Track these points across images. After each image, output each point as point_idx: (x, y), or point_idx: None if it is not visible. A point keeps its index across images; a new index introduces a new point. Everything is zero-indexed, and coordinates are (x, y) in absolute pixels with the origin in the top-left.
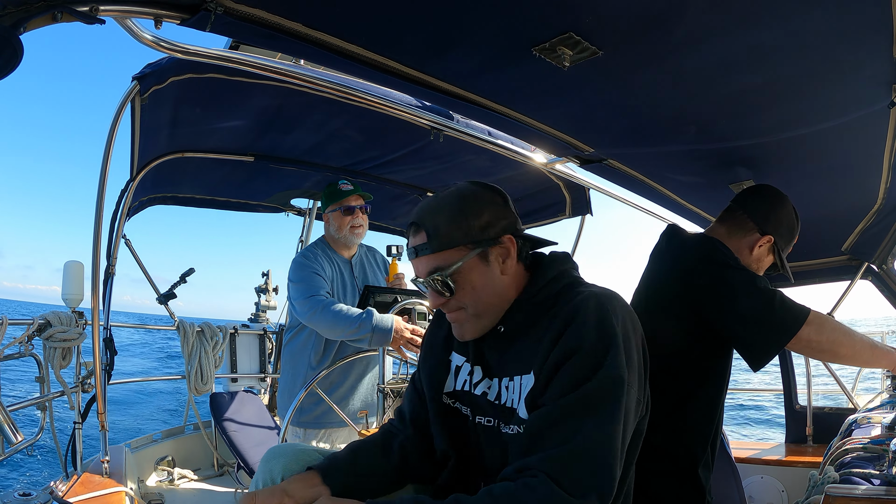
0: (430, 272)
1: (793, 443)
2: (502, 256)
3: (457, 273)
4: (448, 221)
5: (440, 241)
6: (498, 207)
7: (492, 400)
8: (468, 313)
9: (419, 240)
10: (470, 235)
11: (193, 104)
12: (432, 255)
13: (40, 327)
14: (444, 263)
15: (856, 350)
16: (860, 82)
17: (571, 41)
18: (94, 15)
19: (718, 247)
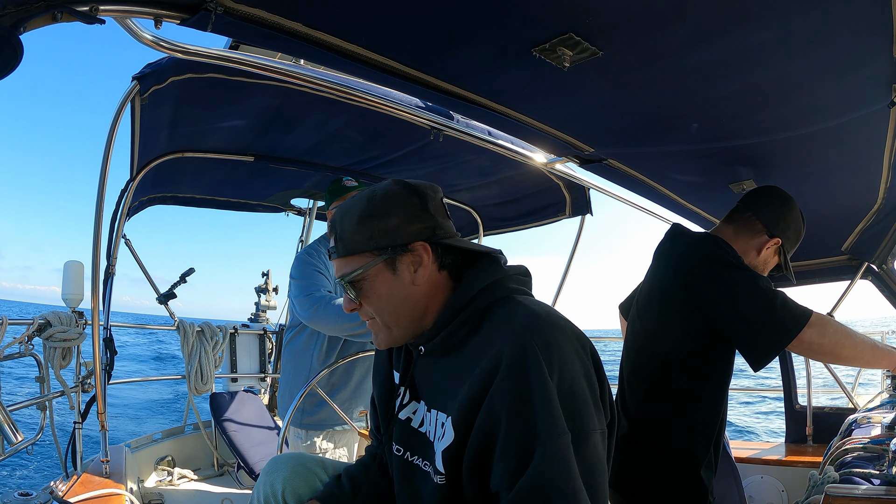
0: (341, 276)
1: (793, 443)
2: (414, 265)
3: (361, 280)
4: (353, 225)
5: (345, 245)
6: (411, 210)
7: (416, 427)
8: (378, 322)
9: (333, 241)
10: (373, 241)
11: (193, 104)
12: (340, 258)
13: (40, 327)
14: (349, 269)
15: (857, 351)
16: (860, 82)
17: (571, 42)
18: (93, 15)
19: (722, 245)
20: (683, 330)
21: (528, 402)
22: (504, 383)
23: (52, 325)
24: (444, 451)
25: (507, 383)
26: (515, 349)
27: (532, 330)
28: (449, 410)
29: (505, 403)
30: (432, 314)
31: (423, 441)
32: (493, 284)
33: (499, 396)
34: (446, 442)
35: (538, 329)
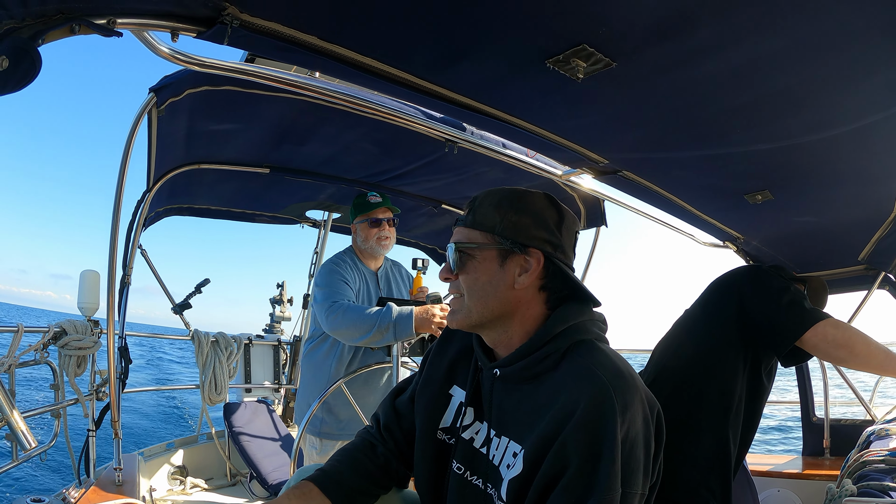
0: (456, 241)
1: (810, 455)
2: (521, 268)
3: (471, 254)
4: (491, 205)
5: (475, 217)
6: (546, 221)
7: (478, 447)
8: (463, 300)
9: (466, 210)
10: (500, 227)
11: (209, 116)
12: (464, 227)
13: (56, 335)
14: (466, 240)
15: (870, 350)
16: (874, 88)
17: (585, 53)
18: (111, 28)
19: (769, 271)
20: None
21: (598, 455)
22: (579, 432)
23: (68, 334)
24: (511, 481)
25: (582, 433)
26: (595, 401)
27: (614, 387)
28: (523, 443)
29: (576, 451)
30: (517, 334)
31: (486, 465)
32: (579, 325)
33: (572, 443)
34: (514, 472)
35: (619, 388)
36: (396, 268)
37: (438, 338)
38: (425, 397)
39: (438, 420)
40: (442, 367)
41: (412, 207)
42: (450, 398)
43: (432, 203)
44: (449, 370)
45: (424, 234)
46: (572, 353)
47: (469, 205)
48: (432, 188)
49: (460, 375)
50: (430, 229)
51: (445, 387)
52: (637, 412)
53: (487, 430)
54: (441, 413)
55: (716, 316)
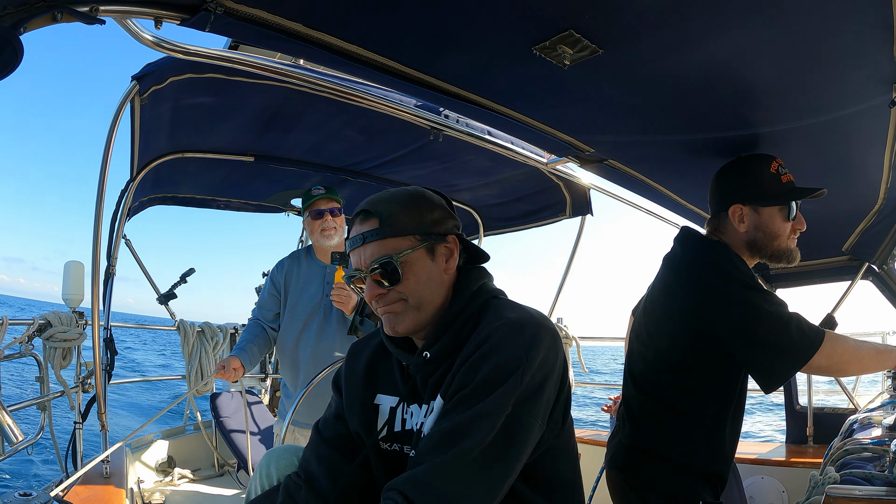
0: (377, 258)
1: (793, 443)
2: (446, 255)
3: (405, 262)
4: (402, 210)
5: (392, 227)
6: (445, 209)
7: (411, 429)
8: (408, 304)
9: (369, 226)
10: (422, 227)
11: (193, 104)
12: (381, 240)
13: (40, 327)
14: (392, 251)
15: (863, 364)
16: (861, 81)
17: (571, 39)
18: (94, 15)
19: (733, 259)
20: (684, 345)
21: (500, 378)
22: (488, 354)
23: (53, 326)
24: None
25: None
26: (507, 333)
27: (525, 323)
28: (441, 391)
29: (482, 368)
30: (443, 306)
31: (413, 435)
32: (485, 285)
33: (472, 366)
34: (434, 416)
35: (529, 324)
36: None
37: (344, 360)
38: (356, 417)
39: (375, 431)
40: (358, 382)
41: None
42: (377, 408)
43: None
44: (367, 382)
45: None
46: (484, 311)
47: (366, 219)
48: (418, 176)
49: (381, 383)
50: None
51: (370, 398)
52: (550, 347)
53: (420, 406)
54: (375, 423)
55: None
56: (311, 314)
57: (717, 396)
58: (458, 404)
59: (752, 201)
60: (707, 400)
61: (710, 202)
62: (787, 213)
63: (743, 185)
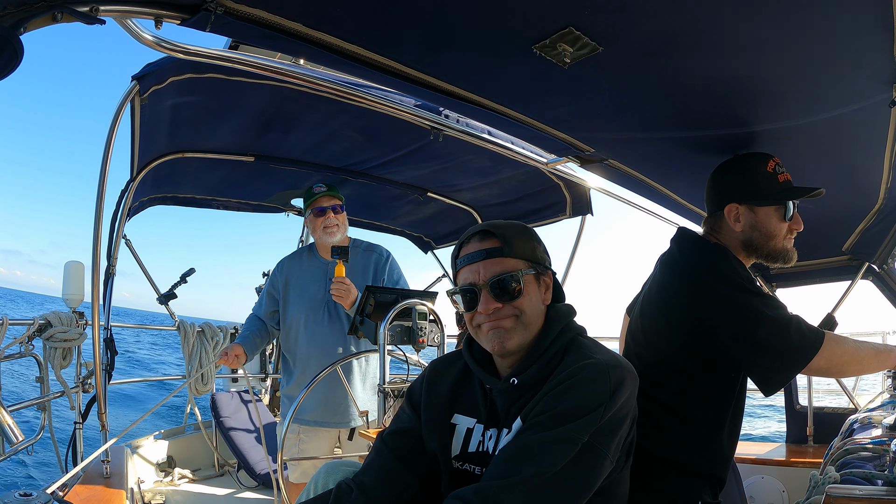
0: (498, 273)
1: (793, 443)
2: (546, 286)
3: (522, 280)
4: (519, 236)
5: (512, 248)
6: (545, 247)
7: (490, 451)
8: (519, 321)
9: (490, 244)
10: (535, 255)
11: (193, 104)
12: (504, 258)
13: (41, 327)
14: (512, 269)
15: (863, 365)
16: (861, 80)
17: (572, 37)
18: (94, 15)
19: (732, 262)
20: (682, 347)
21: (582, 406)
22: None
23: (53, 326)
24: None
25: (574, 388)
26: (597, 372)
27: (613, 366)
28: (523, 415)
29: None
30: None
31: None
32: (571, 322)
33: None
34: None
35: (618, 367)
36: (368, 252)
37: (426, 376)
38: (434, 433)
39: (449, 450)
40: (441, 401)
41: (398, 195)
42: (454, 427)
43: (418, 191)
44: (449, 401)
45: (410, 222)
46: (571, 348)
47: (489, 236)
48: (418, 176)
49: (460, 403)
50: (416, 217)
51: (447, 417)
52: (630, 393)
53: (499, 431)
54: (449, 443)
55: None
56: (314, 310)
57: (715, 397)
58: (536, 426)
59: (748, 200)
60: (705, 401)
61: (707, 201)
62: (783, 212)
63: (739, 184)
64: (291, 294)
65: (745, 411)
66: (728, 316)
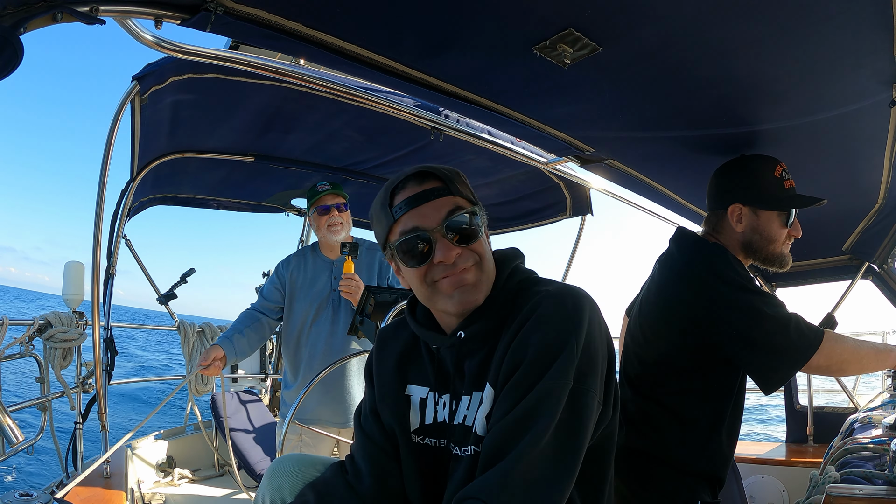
0: (453, 211)
1: (793, 443)
2: (485, 228)
3: (475, 218)
4: (457, 175)
5: (457, 187)
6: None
7: (448, 421)
8: (481, 270)
9: (433, 184)
10: (475, 196)
11: (193, 104)
12: (453, 196)
13: (41, 328)
14: (465, 205)
15: (863, 364)
16: (861, 80)
17: (571, 38)
18: (94, 15)
19: (731, 262)
20: (682, 347)
21: (554, 348)
22: (536, 329)
23: (53, 326)
24: (488, 414)
25: (539, 329)
26: (552, 303)
27: (567, 294)
28: (482, 384)
29: (533, 344)
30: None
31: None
32: (518, 266)
33: (529, 337)
34: (488, 402)
35: (572, 294)
36: (372, 252)
37: (374, 348)
38: (387, 408)
39: (408, 424)
40: (388, 372)
41: None
42: (408, 399)
43: None
44: (398, 373)
45: None
46: (522, 289)
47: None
48: None
49: (411, 373)
50: None
51: (401, 390)
52: (594, 323)
53: (453, 396)
54: (406, 418)
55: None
56: (319, 308)
57: (714, 397)
58: (516, 387)
59: (752, 203)
60: (704, 401)
61: (709, 199)
62: (785, 219)
63: (745, 186)
64: (297, 292)
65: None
66: (727, 315)
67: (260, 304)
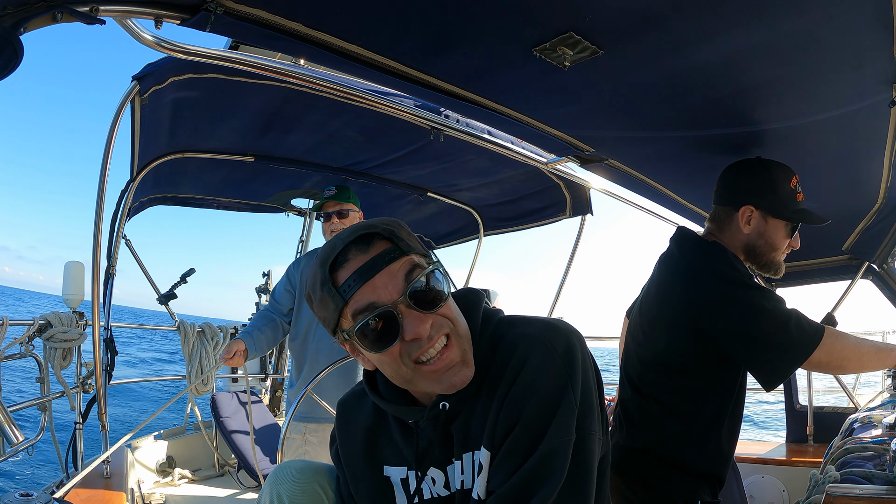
0: (411, 273)
1: (794, 442)
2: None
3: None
4: (399, 227)
5: (406, 244)
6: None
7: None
8: (458, 336)
9: (379, 247)
10: (421, 246)
11: (193, 104)
12: (406, 256)
13: (41, 328)
14: (420, 262)
15: (863, 362)
16: (861, 80)
17: (571, 41)
18: (94, 15)
19: (731, 260)
20: (682, 346)
21: (553, 405)
22: (527, 386)
23: (53, 326)
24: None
25: (530, 385)
26: (540, 352)
27: (554, 336)
28: (477, 444)
29: (528, 402)
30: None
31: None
32: (486, 309)
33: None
34: (484, 463)
35: (559, 334)
36: None
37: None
38: (366, 496)
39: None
40: (357, 455)
41: (398, 195)
42: (387, 481)
43: (418, 191)
44: (368, 455)
45: (410, 221)
46: (497, 336)
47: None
48: (418, 176)
49: (383, 453)
50: (416, 217)
51: (377, 472)
52: (585, 361)
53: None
54: (393, 501)
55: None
56: None
57: (714, 396)
58: (515, 450)
59: (765, 208)
60: (705, 400)
61: (720, 195)
62: (790, 230)
63: (761, 190)
64: (302, 293)
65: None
66: (728, 313)
67: (272, 307)
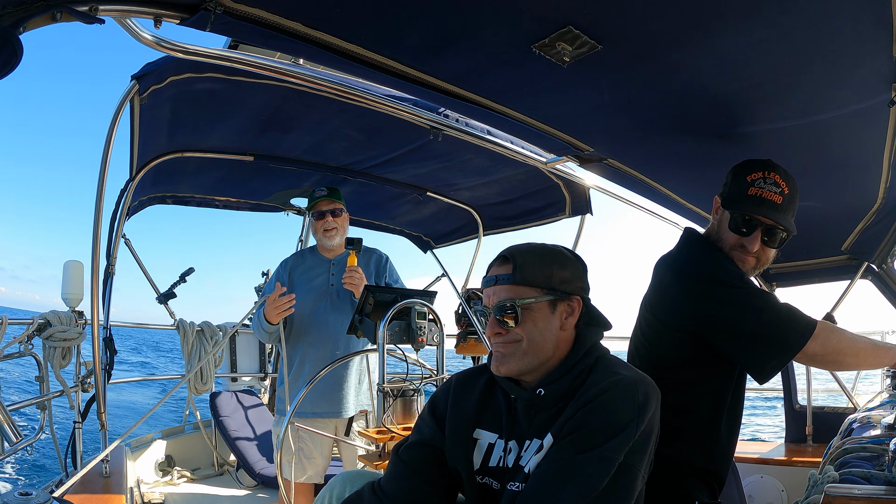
0: (503, 300)
1: (792, 442)
2: (566, 313)
3: (526, 308)
4: (536, 262)
5: (524, 276)
6: (579, 272)
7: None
8: (520, 347)
9: (503, 270)
10: (549, 283)
11: (192, 103)
12: (511, 286)
13: (40, 327)
14: (518, 296)
15: (860, 358)
16: (860, 80)
17: (571, 35)
18: (93, 15)
19: (726, 266)
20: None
21: (614, 426)
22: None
23: (52, 325)
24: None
25: (605, 407)
26: (626, 388)
27: (641, 383)
28: (553, 429)
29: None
30: (553, 360)
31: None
32: (598, 343)
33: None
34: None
35: (645, 384)
36: (367, 254)
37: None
38: (457, 448)
39: (472, 463)
40: (466, 415)
41: (397, 195)
42: (475, 441)
43: (417, 190)
44: (474, 416)
45: (409, 221)
46: (596, 366)
47: (503, 263)
48: (417, 175)
49: (485, 418)
50: (415, 216)
51: (469, 431)
52: (655, 410)
53: (519, 441)
54: (471, 456)
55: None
56: (316, 302)
57: (711, 394)
58: (571, 445)
59: (722, 198)
60: (702, 396)
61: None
62: (733, 224)
63: (726, 181)
64: (297, 286)
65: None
66: (718, 311)
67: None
